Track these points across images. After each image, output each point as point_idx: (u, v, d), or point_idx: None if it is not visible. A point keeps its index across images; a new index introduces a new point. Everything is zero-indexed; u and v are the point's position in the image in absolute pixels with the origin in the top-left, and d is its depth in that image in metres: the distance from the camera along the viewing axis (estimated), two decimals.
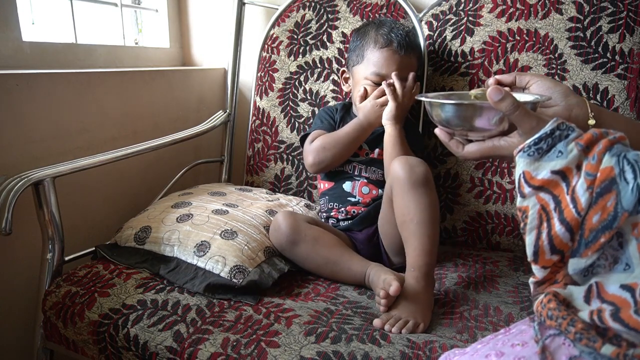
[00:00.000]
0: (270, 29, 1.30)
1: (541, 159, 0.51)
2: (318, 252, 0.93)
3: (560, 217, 0.50)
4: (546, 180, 0.51)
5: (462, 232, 1.15)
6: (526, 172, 0.52)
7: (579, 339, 0.46)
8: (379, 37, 1.04)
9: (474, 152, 0.63)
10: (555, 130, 0.51)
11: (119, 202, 1.19)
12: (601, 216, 0.46)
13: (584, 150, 0.49)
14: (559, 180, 0.50)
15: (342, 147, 1.05)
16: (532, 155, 0.52)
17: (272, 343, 0.72)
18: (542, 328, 0.51)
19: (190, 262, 0.90)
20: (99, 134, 1.11)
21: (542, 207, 0.51)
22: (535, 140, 0.52)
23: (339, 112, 1.14)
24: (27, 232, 0.92)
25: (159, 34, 1.48)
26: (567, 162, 0.50)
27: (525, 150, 0.52)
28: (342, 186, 1.09)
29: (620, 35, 1.01)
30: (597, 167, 0.48)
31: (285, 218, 0.94)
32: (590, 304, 0.48)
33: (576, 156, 0.50)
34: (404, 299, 0.81)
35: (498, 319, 0.80)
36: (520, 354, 0.50)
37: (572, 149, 0.50)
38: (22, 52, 1.03)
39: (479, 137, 0.63)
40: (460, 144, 0.65)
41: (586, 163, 0.49)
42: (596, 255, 0.48)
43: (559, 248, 0.50)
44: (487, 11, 1.11)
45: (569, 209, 0.49)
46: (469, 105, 0.62)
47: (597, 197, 0.47)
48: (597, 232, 0.47)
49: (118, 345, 0.78)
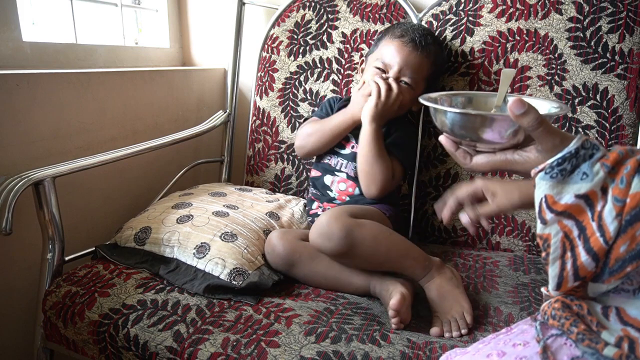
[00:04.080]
0: (270, 29, 1.30)
1: (565, 182, 0.47)
2: (316, 272, 0.90)
3: (587, 246, 0.46)
4: (570, 205, 0.47)
5: (462, 232, 1.15)
6: (549, 197, 0.48)
7: (581, 339, 0.46)
8: (397, 30, 1.05)
9: (483, 165, 0.56)
10: (580, 150, 0.47)
11: (119, 202, 1.19)
12: (629, 246, 0.43)
13: (610, 171, 0.46)
14: (583, 205, 0.47)
15: (324, 135, 1.06)
16: (555, 177, 0.47)
17: (272, 343, 0.72)
18: (544, 328, 0.51)
19: (190, 263, 0.90)
20: (99, 134, 1.11)
21: (565, 234, 0.48)
22: (559, 160, 0.47)
23: (341, 102, 1.14)
24: (27, 232, 0.92)
25: (159, 34, 1.48)
26: (592, 186, 0.46)
27: (548, 172, 0.48)
28: (323, 178, 1.10)
29: (620, 35, 1.01)
30: (627, 191, 0.44)
31: (279, 239, 0.90)
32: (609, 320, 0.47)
33: (602, 179, 0.46)
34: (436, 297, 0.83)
35: (498, 319, 0.80)
36: (522, 354, 0.50)
37: (598, 171, 0.46)
38: (22, 52, 1.03)
39: (488, 149, 0.56)
40: (467, 154, 0.58)
41: (613, 186, 0.45)
42: (620, 282, 0.46)
43: (583, 276, 0.47)
44: (487, 11, 1.11)
45: (596, 237, 0.45)
46: (478, 115, 0.54)
47: (627, 225, 0.44)
48: (623, 262, 0.44)
49: (118, 345, 0.78)
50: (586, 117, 1.03)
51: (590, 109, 1.03)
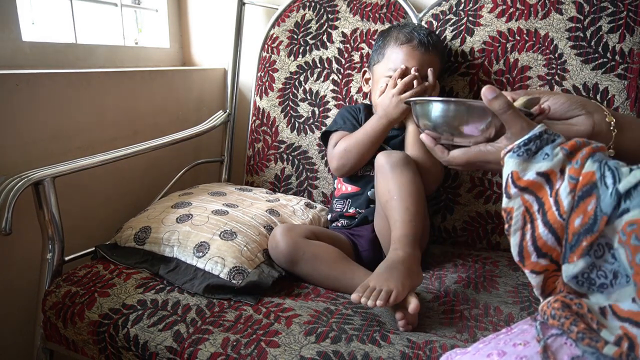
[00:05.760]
0: (270, 29, 1.30)
1: (529, 160, 0.53)
2: (318, 271, 0.90)
3: (544, 219, 0.51)
4: (531, 181, 0.52)
5: (462, 232, 1.15)
6: (514, 172, 0.53)
7: (581, 338, 0.46)
8: (400, 35, 1.04)
9: (460, 157, 0.62)
10: (544, 134, 0.53)
11: (119, 202, 1.19)
12: (582, 220, 0.47)
13: (569, 155, 0.51)
14: (542, 183, 0.52)
15: (363, 147, 1.02)
16: (521, 155, 0.53)
17: (272, 343, 0.72)
18: (544, 328, 0.51)
19: (190, 262, 0.90)
20: (99, 134, 1.11)
21: (526, 208, 0.52)
22: (525, 140, 0.53)
23: (362, 112, 1.12)
24: (27, 232, 0.91)
25: (159, 34, 1.48)
26: (552, 165, 0.51)
27: (515, 151, 0.53)
28: (367, 193, 1.08)
29: (620, 35, 1.01)
30: (580, 171, 0.49)
31: (283, 235, 0.90)
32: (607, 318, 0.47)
33: (561, 160, 0.51)
34: (382, 269, 0.81)
35: (498, 318, 0.80)
36: (522, 354, 0.50)
37: (558, 153, 0.51)
38: (22, 52, 1.03)
39: (465, 143, 0.62)
40: (445, 149, 0.64)
41: (569, 167, 0.50)
42: (582, 262, 0.48)
43: (544, 251, 0.51)
44: (487, 11, 1.11)
45: (552, 211, 0.50)
46: (458, 103, 0.61)
47: (579, 201, 0.48)
48: (579, 236, 0.47)
49: (118, 345, 0.78)
50: None
51: None
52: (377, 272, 0.81)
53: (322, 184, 1.25)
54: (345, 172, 1.07)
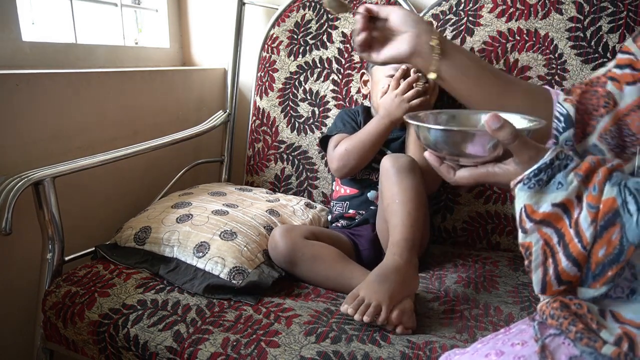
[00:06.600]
0: (270, 29, 1.30)
1: (542, 191, 0.50)
2: (318, 271, 0.90)
3: (566, 252, 0.48)
4: (547, 213, 0.49)
5: (462, 232, 1.15)
6: (527, 206, 0.50)
7: (579, 338, 0.46)
8: None
9: (466, 178, 0.59)
10: (555, 161, 0.50)
11: (119, 202, 1.19)
12: (607, 250, 0.45)
13: (584, 180, 0.48)
14: (560, 213, 0.49)
15: (364, 148, 1.02)
16: (532, 187, 0.50)
17: (272, 343, 0.72)
18: (542, 327, 0.51)
19: (190, 262, 0.90)
20: (99, 134, 1.11)
21: (546, 242, 0.50)
22: (535, 171, 0.50)
23: (361, 115, 1.12)
24: (27, 232, 0.92)
25: (159, 34, 1.48)
26: (567, 194, 0.48)
27: (526, 183, 0.50)
28: (366, 194, 1.08)
29: (620, 36, 1.01)
30: (599, 198, 0.46)
31: (282, 236, 0.90)
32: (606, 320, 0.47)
33: (576, 187, 0.48)
34: (374, 277, 0.79)
35: (498, 318, 0.80)
36: (520, 353, 0.50)
37: (572, 180, 0.48)
38: (22, 52, 1.03)
39: (470, 163, 0.59)
40: (451, 168, 0.60)
41: (587, 194, 0.47)
42: (605, 288, 0.47)
43: (567, 280, 0.49)
44: (487, 11, 1.10)
45: (574, 243, 0.47)
46: (459, 131, 0.58)
47: (602, 231, 0.46)
48: (604, 266, 0.45)
49: (118, 345, 0.78)
50: None
51: None
52: (369, 279, 0.80)
53: (322, 184, 1.25)
54: (345, 173, 1.06)
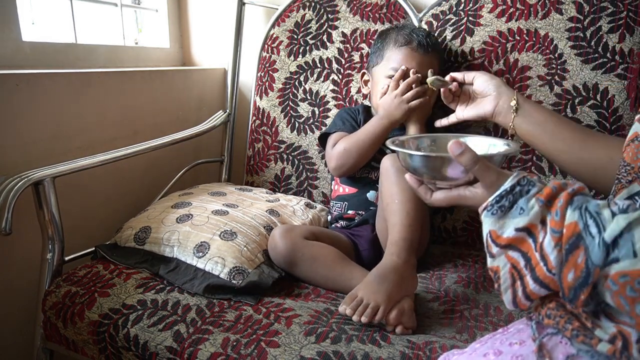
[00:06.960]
0: (270, 29, 1.30)
1: (505, 217, 0.51)
2: (317, 272, 0.90)
3: (533, 275, 0.49)
4: (512, 238, 0.51)
5: (462, 232, 1.15)
6: (492, 232, 0.52)
7: (575, 335, 0.47)
8: (399, 37, 1.04)
9: (441, 200, 0.63)
10: (516, 186, 0.51)
11: (119, 202, 1.19)
12: (575, 274, 0.46)
13: (546, 205, 0.49)
14: (525, 237, 0.50)
15: (363, 147, 1.02)
16: (495, 214, 0.52)
17: (272, 343, 0.72)
18: (540, 327, 0.51)
19: (190, 262, 0.90)
20: (99, 134, 1.11)
21: (513, 265, 0.51)
22: (497, 198, 0.52)
23: (361, 114, 1.12)
24: (27, 232, 0.92)
25: (159, 34, 1.48)
26: (529, 219, 0.50)
27: (489, 209, 0.52)
28: (365, 194, 1.08)
29: (620, 35, 1.01)
30: (562, 223, 0.47)
31: (282, 237, 0.90)
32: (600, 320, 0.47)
33: (538, 212, 0.49)
34: (372, 277, 0.80)
35: (498, 318, 0.80)
36: (518, 353, 0.50)
37: (534, 206, 0.50)
38: (22, 52, 1.03)
39: (446, 186, 0.64)
40: (429, 190, 0.65)
41: (550, 219, 0.48)
42: (588, 309, 0.47)
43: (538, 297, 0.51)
44: (487, 11, 1.10)
45: (540, 266, 0.49)
46: (437, 157, 0.63)
47: (567, 254, 0.46)
48: (575, 290, 0.46)
49: (118, 345, 0.78)
50: (586, 117, 1.03)
51: (590, 109, 1.03)
52: (367, 279, 0.80)
53: (322, 184, 1.25)
54: (343, 172, 1.06)
